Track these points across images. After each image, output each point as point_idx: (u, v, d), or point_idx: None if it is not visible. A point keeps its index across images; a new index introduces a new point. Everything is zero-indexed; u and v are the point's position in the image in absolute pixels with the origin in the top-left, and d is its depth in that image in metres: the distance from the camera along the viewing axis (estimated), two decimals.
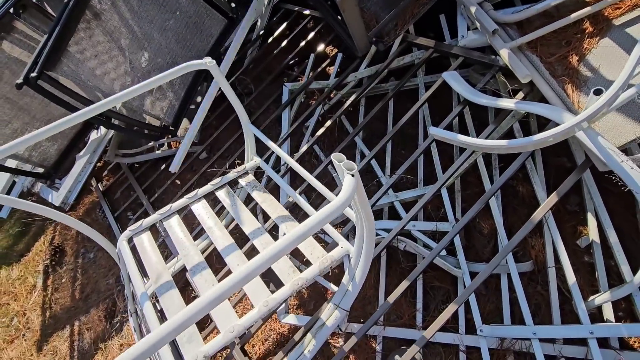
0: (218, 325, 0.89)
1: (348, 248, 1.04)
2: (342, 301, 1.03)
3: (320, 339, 1.04)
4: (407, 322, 1.24)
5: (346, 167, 0.61)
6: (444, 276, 1.27)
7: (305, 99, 1.95)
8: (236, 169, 1.28)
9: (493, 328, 1.06)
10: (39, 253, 2.04)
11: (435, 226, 1.22)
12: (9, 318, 1.89)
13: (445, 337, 1.17)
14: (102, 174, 2.20)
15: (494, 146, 0.85)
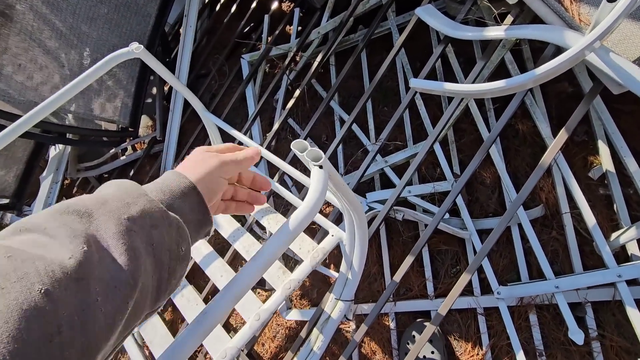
0: (209, 351, 0.79)
1: (340, 235, 0.92)
2: (343, 292, 0.93)
3: (328, 334, 0.96)
4: (418, 293, 1.16)
5: (311, 157, 0.47)
6: (450, 238, 1.17)
7: (269, 69, 1.75)
8: None
9: (511, 288, 0.97)
10: None
11: (433, 188, 1.09)
12: None
13: (460, 303, 1.09)
14: (72, 191, 2.04)
15: (490, 90, 0.70)
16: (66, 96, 0.91)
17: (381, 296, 0.96)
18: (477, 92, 0.74)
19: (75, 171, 1.88)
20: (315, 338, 0.96)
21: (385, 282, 1.19)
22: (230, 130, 1.10)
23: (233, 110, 1.75)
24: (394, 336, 1.13)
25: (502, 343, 1.03)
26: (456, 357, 1.07)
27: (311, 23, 1.45)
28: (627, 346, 0.92)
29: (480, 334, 1.05)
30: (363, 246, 0.84)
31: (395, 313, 1.15)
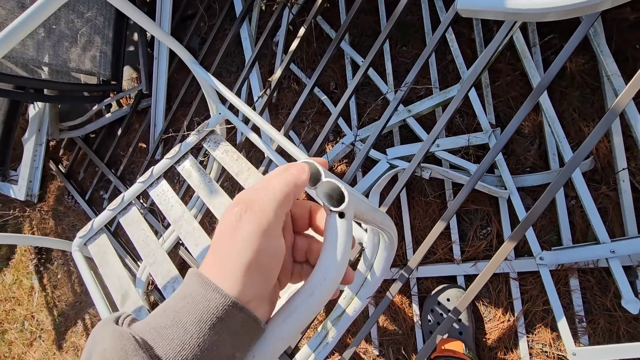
0: None
1: (360, 236, 0.78)
2: (360, 291, 0.81)
3: (341, 329, 0.85)
4: (443, 256, 1.05)
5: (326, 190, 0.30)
6: (480, 197, 1.03)
7: (266, 6, 1.50)
8: (197, 129, 0.96)
9: (556, 253, 0.85)
10: (24, 253, 1.86)
11: (467, 140, 0.93)
12: (19, 323, 1.80)
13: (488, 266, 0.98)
14: (58, 153, 1.89)
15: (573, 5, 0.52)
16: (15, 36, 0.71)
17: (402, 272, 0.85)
18: (548, 9, 0.55)
19: (58, 131, 1.71)
20: (329, 329, 0.87)
21: (406, 244, 1.08)
22: (219, 86, 0.92)
23: (227, 55, 1.53)
24: (415, 301, 1.05)
25: (536, 309, 0.94)
26: (484, 323, 0.99)
27: None
28: None
29: (513, 299, 0.96)
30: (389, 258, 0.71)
31: (417, 278, 1.06)
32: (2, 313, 1.86)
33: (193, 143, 0.94)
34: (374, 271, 0.77)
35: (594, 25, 0.84)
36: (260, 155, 1.38)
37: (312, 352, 0.84)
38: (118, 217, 0.88)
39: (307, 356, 0.84)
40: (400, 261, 1.09)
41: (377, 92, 1.20)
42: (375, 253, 0.73)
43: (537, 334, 0.94)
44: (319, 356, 0.84)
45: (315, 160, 0.30)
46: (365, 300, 0.79)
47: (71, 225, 1.76)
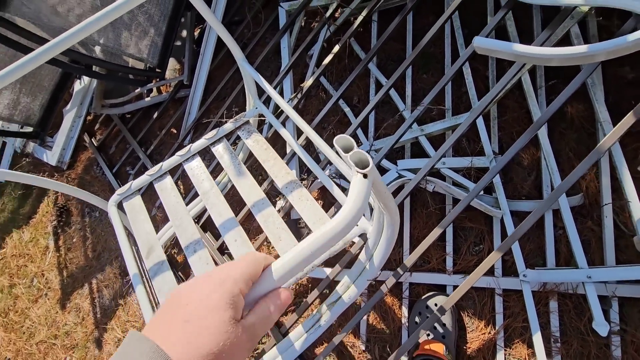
0: None
1: (365, 227, 0.88)
2: (358, 279, 0.91)
3: (335, 313, 0.94)
4: (436, 266, 1.14)
5: (355, 160, 0.40)
6: (476, 216, 1.13)
7: (306, 23, 1.66)
8: (234, 118, 1.09)
9: (539, 272, 0.94)
10: (45, 214, 1.98)
11: (470, 162, 1.04)
12: (29, 279, 1.90)
13: (480, 282, 1.06)
14: (94, 127, 2.04)
15: (571, 54, 0.64)
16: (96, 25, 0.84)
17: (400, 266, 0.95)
18: (558, 55, 0.67)
19: (100, 107, 1.87)
20: (323, 312, 0.96)
21: (403, 252, 1.17)
22: (262, 82, 1.05)
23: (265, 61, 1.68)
24: (405, 304, 1.13)
25: (517, 325, 1.02)
26: (467, 332, 1.07)
27: None
28: None
29: (495, 313, 1.04)
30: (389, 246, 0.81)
31: (410, 283, 1.14)
32: (14, 267, 1.96)
33: (229, 130, 1.06)
34: (373, 261, 0.86)
35: (592, 76, 0.96)
36: (281, 152, 1.50)
37: (305, 332, 0.93)
38: (154, 182, 1.00)
39: (299, 335, 0.93)
40: (397, 266, 1.18)
41: (395, 110, 1.32)
42: (376, 244, 0.83)
43: (514, 349, 1.01)
44: (310, 337, 0.92)
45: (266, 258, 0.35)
46: (361, 288, 0.89)
47: (94, 194, 1.88)
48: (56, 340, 1.70)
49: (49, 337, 1.73)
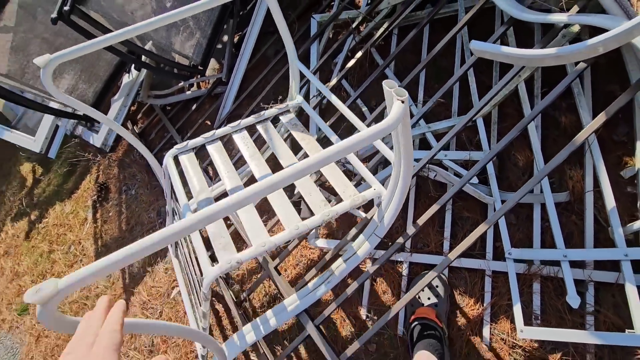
0: (251, 239, 0.95)
1: (380, 191, 1.05)
2: (371, 237, 1.06)
3: (350, 265, 1.10)
4: (434, 249, 1.27)
5: (397, 93, 0.60)
6: (473, 206, 1.27)
7: (333, 35, 1.87)
8: (278, 106, 1.29)
9: (522, 251, 1.07)
10: (87, 190, 2.21)
11: (468, 155, 1.19)
12: (67, 246, 2.11)
13: (471, 263, 1.20)
14: (136, 116, 2.28)
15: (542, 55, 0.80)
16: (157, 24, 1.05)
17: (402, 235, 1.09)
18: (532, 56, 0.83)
19: (146, 96, 2.11)
20: (338, 265, 1.11)
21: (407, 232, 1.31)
22: (311, 76, 1.24)
23: None
24: (404, 282, 1.26)
25: (502, 303, 1.14)
26: (457, 308, 1.19)
27: None
28: (620, 324, 1.00)
29: (485, 292, 1.16)
30: (400, 200, 0.96)
31: (410, 262, 1.28)
32: (54, 235, 2.18)
33: (273, 114, 1.26)
34: (384, 221, 1.02)
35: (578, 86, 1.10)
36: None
37: (322, 282, 1.08)
38: (207, 144, 1.20)
39: (317, 285, 1.08)
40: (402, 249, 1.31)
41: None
42: (387, 206, 0.99)
43: (499, 324, 1.13)
44: (327, 285, 1.07)
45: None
46: (373, 244, 1.04)
47: (132, 174, 2.10)
48: (87, 301, 1.89)
49: (81, 297, 1.91)
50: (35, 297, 0.44)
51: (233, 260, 0.88)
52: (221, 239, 0.94)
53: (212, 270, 0.87)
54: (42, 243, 2.20)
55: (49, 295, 0.45)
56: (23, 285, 2.15)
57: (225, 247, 0.92)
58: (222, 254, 0.90)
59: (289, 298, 1.12)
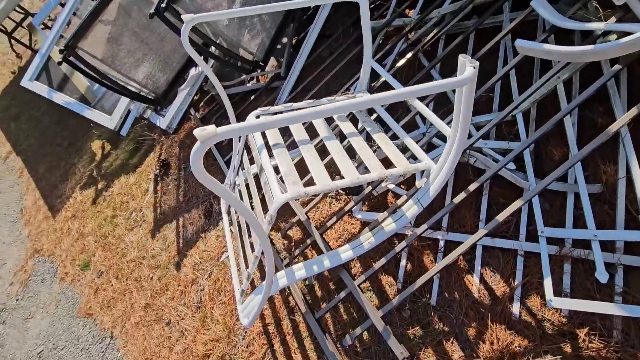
0: (316, 180, 1.12)
1: (430, 165, 1.20)
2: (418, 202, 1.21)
3: (399, 224, 1.24)
4: (470, 230, 1.39)
5: (469, 61, 0.77)
6: (509, 194, 1.38)
7: (383, 41, 2.06)
8: (347, 95, 1.48)
9: (554, 230, 1.17)
10: (150, 165, 2.48)
11: (507, 145, 1.32)
12: (129, 212, 2.37)
13: (504, 243, 1.30)
14: (199, 105, 2.56)
15: (581, 51, 0.93)
16: (253, 11, 1.28)
17: (440, 210, 1.22)
18: (572, 52, 0.97)
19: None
20: (388, 224, 1.26)
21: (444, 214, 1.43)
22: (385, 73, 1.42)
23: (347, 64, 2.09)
24: (440, 257, 1.38)
25: (533, 280, 1.23)
26: (489, 286, 1.29)
27: (434, 4, 1.74)
28: None
29: (516, 270, 1.26)
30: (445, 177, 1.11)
31: (446, 240, 1.40)
32: (118, 202, 2.45)
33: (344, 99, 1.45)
34: (430, 190, 1.16)
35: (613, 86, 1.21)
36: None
37: (372, 236, 1.23)
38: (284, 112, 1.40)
39: (366, 239, 1.23)
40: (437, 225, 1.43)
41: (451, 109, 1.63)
42: (435, 177, 1.13)
43: (529, 300, 1.21)
44: (377, 239, 1.22)
45: None
46: (420, 208, 1.18)
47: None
48: (143, 261, 2.11)
49: (138, 257, 2.14)
50: (200, 133, 0.63)
51: (302, 191, 1.05)
52: (291, 177, 1.11)
53: (282, 196, 1.04)
54: (107, 209, 2.48)
55: (209, 135, 0.64)
56: (87, 244, 2.42)
57: (295, 182, 1.09)
58: (292, 187, 1.07)
59: (342, 247, 1.27)
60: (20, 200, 3.14)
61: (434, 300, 1.34)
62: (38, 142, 3.45)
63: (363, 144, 1.33)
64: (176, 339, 1.79)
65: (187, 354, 1.73)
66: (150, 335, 1.87)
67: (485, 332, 1.23)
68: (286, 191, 1.10)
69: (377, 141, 1.34)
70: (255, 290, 1.39)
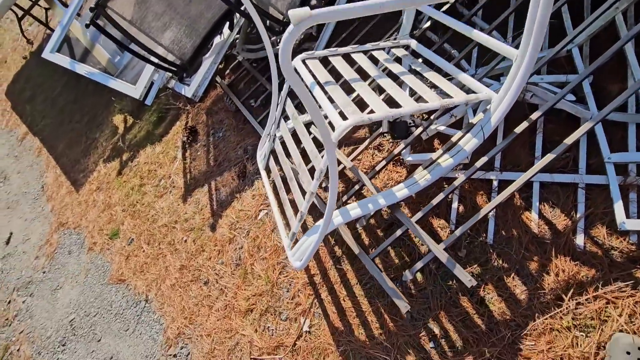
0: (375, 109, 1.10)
1: (491, 94, 1.17)
2: (478, 134, 1.18)
3: (458, 158, 1.21)
4: (524, 168, 1.36)
5: None
6: (565, 131, 1.34)
7: None
8: (392, 41, 1.46)
9: (621, 155, 1.14)
10: (176, 134, 2.45)
11: (565, 78, 1.29)
12: (157, 180, 2.34)
13: (564, 177, 1.27)
14: (224, 72, 2.53)
15: None
16: None
17: (494, 147, 1.19)
18: None
19: (242, 49, 2.34)
20: (445, 160, 1.23)
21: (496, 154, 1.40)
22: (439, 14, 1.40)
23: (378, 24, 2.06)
24: (494, 195, 1.35)
25: (597, 211, 1.20)
26: (550, 220, 1.26)
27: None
28: None
29: (578, 203, 1.23)
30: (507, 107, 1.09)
31: (500, 180, 1.37)
32: (145, 171, 2.43)
33: (388, 46, 1.43)
34: (492, 119, 1.13)
35: None
36: None
37: (428, 173, 1.20)
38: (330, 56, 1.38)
39: (422, 176, 1.20)
40: (490, 167, 1.41)
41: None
42: (497, 105, 1.10)
43: (594, 230, 1.19)
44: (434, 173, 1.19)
45: None
46: (480, 140, 1.15)
47: (219, 120, 2.32)
48: (176, 225, 2.09)
49: (169, 222, 2.12)
50: (294, 13, 0.61)
51: (365, 116, 1.03)
52: (349, 107, 1.09)
53: (345, 122, 1.01)
54: (134, 178, 2.45)
55: (304, 15, 0.61)
56: (114, 213, 2.40)
57: (354, 112, 1.06)
58: (352, 115, 1.05)
59: (397, 186, 1.24)
60: (40, 178, 3.12)
61: (491, 239, 1.31)
62: (55, 121, 3.42)
63: (417, 81, 1.30)
64: (216, 297, 1.77)
65: (228, 310, 1.70)
66: (188, 296, 1.85)
67: (548, 265, 1.21)
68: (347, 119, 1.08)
69: (430, 78, 1.32)
70: (307, 232, 1.36)
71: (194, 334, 1.74)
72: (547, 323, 1.15)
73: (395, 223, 1.49)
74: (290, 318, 1.55)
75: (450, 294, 1.30)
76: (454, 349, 1.25)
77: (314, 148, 1.27)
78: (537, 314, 1.17)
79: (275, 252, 1.70)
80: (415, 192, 1.27)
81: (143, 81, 2.53)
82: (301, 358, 1.46)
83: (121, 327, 1.97)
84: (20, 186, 3.20)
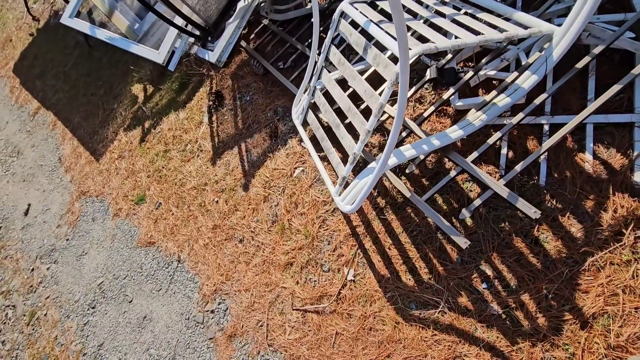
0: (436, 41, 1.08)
1: (553, 29, 1.15)
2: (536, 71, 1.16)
3: (515, 97, 1.20)
4: (576, 112, 1.34)
5: None
6: (618, 74, 1.33)
7: None
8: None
9: None
10: (201, 100, 2.42)
11: (624, 16, 1.27)
12: (183, 144, 2.31)
13: (618, 118, 1.26)
14: (248, 38, 2.49)
15: None
16: None
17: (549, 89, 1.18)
18: None
19: (270, 10, 2.30)
20: (501, 99, 1.21)
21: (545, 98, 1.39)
22: None
23: None
24: (545, 139, 1.34)
25: None
26: (605, 160, 1.25)
27: None
28: None
29: (635, 142, 1.22)
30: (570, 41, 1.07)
31: (551, 124, 1.36)
32: (170, 137, 2.40)
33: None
34: (552, 56, 1.12)
35: None
36: None
37: (483, 113, 1.19)
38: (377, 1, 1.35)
39: (476, 117, 1.19)
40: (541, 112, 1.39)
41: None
42: (557, 44, 1.09)
43: None
44: (489, 112, 1.18)
45: None
46: (540, 76, 1.14)
47: (246, 84, 2.29)
48: (206, 187, 2.06)
49: (199, 185, 2.09)
50: None
51: (432, 45, 1.01)
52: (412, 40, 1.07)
53: (412, 50, 0.99)
54: (158, 145, 2.42)
55: None
56: (139, 180, 2.37)
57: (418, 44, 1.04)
58: (415, 46, 1.03)
59: (450, 128, 1.23)
60: (57, 150, 3.07)
61: (543, 181, 1.31)
62: (69, 95, 3.36)
63: (471, 20, 1.28)
64: (252, 254, 1.75)
65: (266, 265, 1.69)
66: (223, 254, 1.83)
67: (606, 202, 1.20)
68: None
69: (485, 18, 1.30)
70: (358, 175, 1.35)
71: (232, 289, 1.73)
72: (606, 258, 1.15)
73: (441, 172, 1.48)
74: (332, 269, 1.55)
75: (503, 235, 1.29)
76: (508, 288, 1.25)
77: (369, 87, 1.25)
78: (595, 250, 1.17)
79: (314, 206, 1.69)
80: (470, 133, 1.26)
81: (166, 46, 2.48)
82: (347, 305, 1.46)
83: (153, 287, 1.96)
84: (35, 159, 3.15)
